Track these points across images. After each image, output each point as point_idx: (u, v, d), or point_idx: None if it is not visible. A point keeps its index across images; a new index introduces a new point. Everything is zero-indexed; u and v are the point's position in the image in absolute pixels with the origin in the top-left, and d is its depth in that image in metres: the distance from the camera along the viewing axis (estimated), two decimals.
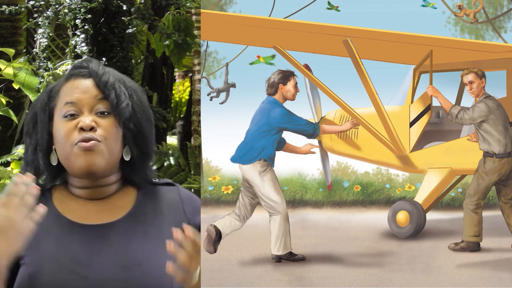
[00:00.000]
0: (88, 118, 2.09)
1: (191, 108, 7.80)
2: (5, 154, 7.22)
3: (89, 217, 2.14)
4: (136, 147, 2.17)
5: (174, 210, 2.20)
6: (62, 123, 2.11)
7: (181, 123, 8.66)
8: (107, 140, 2.09)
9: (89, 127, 2.08)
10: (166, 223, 2.16)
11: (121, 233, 2.11)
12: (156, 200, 2.21)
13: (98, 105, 2.12)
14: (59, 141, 2.12)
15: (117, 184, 2.20)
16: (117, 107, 2.12)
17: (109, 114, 2.12)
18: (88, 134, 2.07)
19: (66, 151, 2.10)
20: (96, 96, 2.12)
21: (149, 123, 2.21)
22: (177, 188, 2.26)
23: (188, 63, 8.36)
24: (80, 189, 2.17)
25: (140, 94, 2.22)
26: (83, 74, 2.17)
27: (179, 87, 9.79)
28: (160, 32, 6.73)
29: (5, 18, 7.82)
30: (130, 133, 2.15)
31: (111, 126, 2.11)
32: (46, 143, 2.15)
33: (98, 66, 2.19)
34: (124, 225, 2.13)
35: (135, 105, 2.17)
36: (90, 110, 2.11)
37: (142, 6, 6.66)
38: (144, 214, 2.16)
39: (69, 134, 2.09)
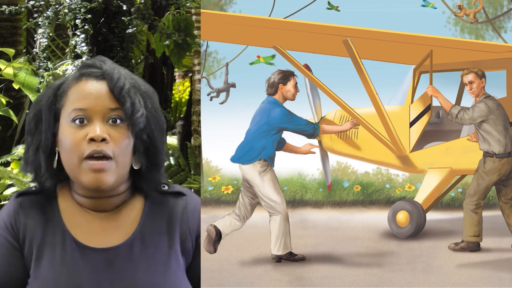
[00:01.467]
0: (98, 127, 1.95)
1: (191, 108, 7.79)
2: (5, 154, 7.21)
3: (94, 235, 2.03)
4: (146, 157, 2.05)
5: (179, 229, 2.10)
6: (69, 129, 1.97)
7: (181, 123, 8.66)
8: (118, 155, 1.96)
9: (100, 139, 1.94)
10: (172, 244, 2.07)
11: (127, 258, 2.01)
12: (163, 216, 2.09)
13: (111, 112, 1.97)
14: (65, 148, 1.98)
15: (125, 193, 2.08)
16: (131, 116, 1.97)
17: (121, 122, 1.98)
18: (100, 146, 1.94)
19: (73, 163, 1.97)
20: (110, 103, 1.97)
21: (161, 133, 2.08)
22: (185, 200, 2.13)
23: (188, 63, 8.36)
24: (85, 198, 2.06)
25: (154, 100, 2.08)
26: (96, 75, 2.01)
27: (179, 87, 9.79)
28: (160, 32, 6.73)
29: (5, 18, 7.82)
30: (142, 144, 2.02)
31: (123, 137, 1.97)
32: (49, 144, 2.02)
33: (113, 68, 2.04)
34: (130, 248, 2.02)
35: (149, 113, 2.03)
36: (102, 118, 1.97)
37: (142, 6, 6.66)
38: (149, 235, 2.05)
39: (77, 144, 1.95)
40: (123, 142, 1.97)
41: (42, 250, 2.00)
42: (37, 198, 2.07)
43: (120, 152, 1.97)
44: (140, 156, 2.03)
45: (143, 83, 2.09)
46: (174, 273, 2.04)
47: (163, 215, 2.09)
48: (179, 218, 2.10)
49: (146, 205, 2.10)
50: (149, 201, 2.11)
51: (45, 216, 2.04)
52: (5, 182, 6.36)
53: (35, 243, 2.01)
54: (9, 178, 6.39)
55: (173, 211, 2.11)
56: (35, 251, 2.00)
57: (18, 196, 2.09)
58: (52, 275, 1.97)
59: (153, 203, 2.11)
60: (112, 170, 1.96)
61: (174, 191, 2.14)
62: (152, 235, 2.06)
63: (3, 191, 6.31)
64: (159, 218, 2.09)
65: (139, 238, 2.04)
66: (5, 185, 6.34)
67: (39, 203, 2.06)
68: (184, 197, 2.14)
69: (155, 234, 2.06)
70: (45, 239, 2.01)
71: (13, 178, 6.39)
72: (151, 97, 2.07)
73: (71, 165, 1.98)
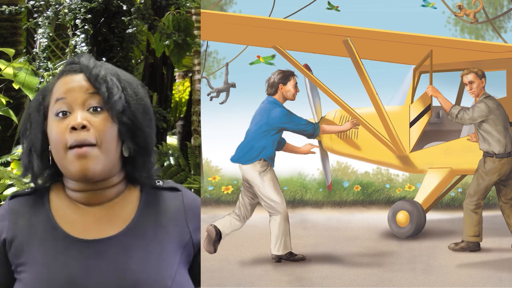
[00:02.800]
0: (79, 115, 1.99)
1: (191, 108, 7.80)
2: (5, 154, 7.21)
3: (87, 229, 2.04)
4: (133, 142, 2.05)
5: (176, 222, 2.09)
6: (54, 123, 2.02)
7: (181, 123, 8.66)
8: (101, 141, 1.98)
9: (81, 126, 1.97)
10: (168, 237, 2.07)
11: (120, 250, 2.01)
12: (158, 210, 2.10)
13: (90, 100, 2.01)
14: (52, 142, 2.02)
15: (119, 186, 2.09)
16: (108, 100, 2.00)
17: (102, 110, 2.01)
18: (81, 134, 1.97)
19: (59, 154, 2.00)
20: (87, 90, 2.02)
21: (146, 116, 2.09)
22: (181, 195, 2.14)
23: (188, 63, 8.36)
24: (78, 192, 2.07)
25: (135, 87, 2.10)
26: (75, 69, 2.07)
27: (179, 87, 9.80)
28: (160, 32, 6.73)
29: (5, 18, 7.82)
30: (125, 128, 2.03)
31: (104, 123, 2.00)
32: (40, 144, 2.06)
33: (89, 59, 2.09)
34: (123, 240, 2.03)
35: (129, 98, 2.05)
36: (82, 106, 2.01)
37: (142, 6, 6.66)
38: (144, 228, 2.05)
39: (61, 134, 1.99)
40: (105, 127, 2.00)
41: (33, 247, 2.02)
42: (29, 199, 2.11)
43: (104, 138, 1.99)
44: (127, 140, 2.05)
45: (126, 74, 2.13)
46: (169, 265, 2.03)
47: (158, 209, 2.10)
48: (175, 212, 2.11)
49: (141, 199, 2.11)
50: (144, 194, 2.12)
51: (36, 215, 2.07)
52: (5, 182, 6.36)
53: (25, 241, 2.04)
54: (9, 178, 6.39)
55: (169, 205, 2.11)
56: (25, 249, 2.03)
57: (11, 199, 2.13)
58: (45, 268, 1.99)
59: (148, 197, 2.12)
60: (96, 157, 1.98)
61: (169, 186, 2.16)
62: (146, 227, 2.06)
63: (3, 191, 6.31)
64: (154, 211, 2.09)
65: (133, 230, 2.04)
66: (5, 185, 6.34)
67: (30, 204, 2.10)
68: (179, 193, 2.15)
69: (150, 227, 2.06)
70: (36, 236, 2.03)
71: (13, 178, 6.39)
72: (132, 85, 2.10)
73: (59, 157, 2.01)
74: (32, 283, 1.98)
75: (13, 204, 2.11)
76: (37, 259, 2.00)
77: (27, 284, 1.99)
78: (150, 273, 1.99)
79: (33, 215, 2.07)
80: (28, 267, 2.00)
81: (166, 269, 2.01)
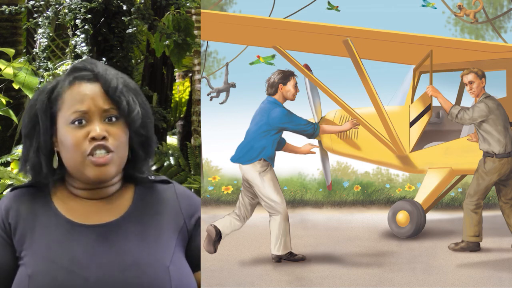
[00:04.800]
0: (98, 127, 2.08)
1: (191, 108, 7.79)
2: (5, 154, 7.21)
3: (88, 217, 2.14)
4: (142, 148, 2.20)
5: (170, 209, 2.21)
6: (69, 130, 2.09)
7: (181, 123, 8.66)
8: (117, 148, 2.10)
9: (101, 137, 2.07)
10: (164, 222, 2.18)
11: (120, 233, 2.12)
12: (153, 199, 2.22)
13: (107, 111, 2.10)
14: (67, 149, 2.10)
15: (119, 183, 2.20)
16: (129, 115, 2.12)
17: (117, 120, 2.11)
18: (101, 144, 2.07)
19: (76, 161, 2.09)
20: (105, 105, 2.10)
21: (152, 122, 2.23)
22: (173, 186, 2.27)
23: (188, 63, 8.36)
24: (82, 190, 2.17)
25: (142, 95, 2.22)
26: (89, 77, 2.13)
27: (179, 87, 9.79)
28: (160, 32, 6.73)
29: (5, 18, 7.82)
30: (139, 138, 2.17)
31: (121, 133, 2.11)
32: (49, 146, 2.14)
33: (105, 70, 2.15)
34: (122, 224, 2.14)
35: (142, 109, 2.17)
36: (100, 117, 2.10)
37: (142, 6, 6.66)
38: (141, 214, 2.17)
39: (79, 143, 2.08)
40: (121, 137, 2.12)
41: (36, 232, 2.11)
42: (30, 190, 2.20)
43: (119, 145, 2.11)
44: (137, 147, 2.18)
45: (130, 81, 2.22)
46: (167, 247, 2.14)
47: (153, 198, 2.23)
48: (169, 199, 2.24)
49: (136, 191, 2.23)
50: (139, 187, 2.24)
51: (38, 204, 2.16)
52: (5, 182, 6.36)
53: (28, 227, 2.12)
54: (9, 178, 6.39)
55: (162, 194, 2.24)
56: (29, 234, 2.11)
57: (12, 190, 2.22)
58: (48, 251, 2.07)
59: (144, 188, 2.24)
60: (113, 162, 2.10)
61: (161, 179, 2.29)
62: (143, 214, 2.18)
63: (3, 191, 6.31)
64: (150, 200, 2.22)
65: (131, 217, 2.16)
66: (5, 185, 6.35)
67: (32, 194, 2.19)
68: (171, 185, 2.28)
69: (146, 214, 2.18)
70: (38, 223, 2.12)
71: (13, 178, 6.39)
72: (140, 93, 2.21)
73: (75, 162, 2.10)
74: (36, 264, 2.06)
75: (15, 194, 2.19)
76: (41, 243, 2.09)
77: (31, 265, 2.06)
78: (150, 254, 2.10)
79: (35, 204, 2.16)
80: (31, 251, 2.08)
81: (164, 250, 2.12)
